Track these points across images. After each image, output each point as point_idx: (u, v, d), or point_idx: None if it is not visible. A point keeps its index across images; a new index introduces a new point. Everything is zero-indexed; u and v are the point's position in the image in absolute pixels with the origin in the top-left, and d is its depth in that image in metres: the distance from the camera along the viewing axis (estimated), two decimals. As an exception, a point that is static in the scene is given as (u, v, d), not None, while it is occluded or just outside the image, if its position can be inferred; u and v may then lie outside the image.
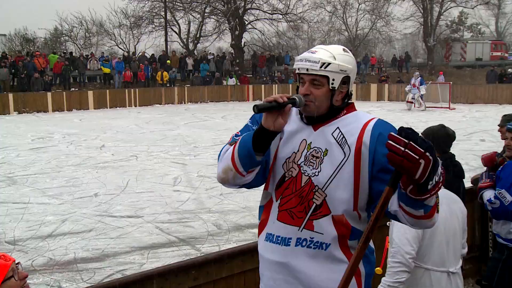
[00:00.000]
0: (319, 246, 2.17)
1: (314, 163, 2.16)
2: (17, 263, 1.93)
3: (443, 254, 2.94)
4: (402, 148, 1.73)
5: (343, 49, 2.22)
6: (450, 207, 3.02)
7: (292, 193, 2.19)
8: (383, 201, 1.86)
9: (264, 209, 2.30)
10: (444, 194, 3.06)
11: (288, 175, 2.21)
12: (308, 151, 2.19)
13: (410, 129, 1.76)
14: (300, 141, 2.21)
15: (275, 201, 2.24)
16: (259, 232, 2.33)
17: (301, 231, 2.17)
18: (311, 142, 2.19)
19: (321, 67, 2.12)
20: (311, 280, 2.18)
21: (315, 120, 2.20)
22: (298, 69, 2.17)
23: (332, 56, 2.14)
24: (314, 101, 2.15)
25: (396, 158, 1.74)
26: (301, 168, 2.18)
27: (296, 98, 2.12)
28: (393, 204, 1.98)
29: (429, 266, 2.94)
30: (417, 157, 1.73)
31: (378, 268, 3.04)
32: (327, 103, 2.17)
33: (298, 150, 2.20)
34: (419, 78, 24.52)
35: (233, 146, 2.19)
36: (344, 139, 2.14)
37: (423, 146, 1.74)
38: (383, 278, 2.92)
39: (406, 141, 1.73)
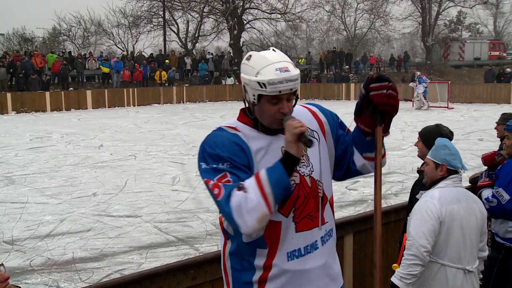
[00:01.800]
0: (331, 235, 2.29)
1: (304, 162, 2.18)
2: (0, 264, 1.89)
3: (459, 250, 2.94)
4: (385, 91, 2.06)
5: None
6: (470, 206, 3.02)
7: (306, 197, 2.17)
8: (380, 140, 2.17)
9: (266, 237, 2.12)
10: (465, 193, 3.08)
11: (292, 186, 2.12)
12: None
13: (379, 74, 2.06)
14: (280, 150, 2.11)
15: (286, 217, 2.14)
16: (269, 262, 2.13)
17: (320, 229, 2.23)
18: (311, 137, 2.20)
19: (298, 81, 2.12)
20: (337, 271, 2.32)
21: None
22: (280, 91, 2.04)
23: (294, 65, 2.14)
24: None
25: (384, 98, 2.07)
26: (300, 171, 2.17)
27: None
28: (357, 160, 2.26)
29: (445, 262, 2.93)
30: (397, 94, 2.08)
31: (395, 264, 3.06)
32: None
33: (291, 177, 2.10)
34: (419, 77, 24.60)
35: (259, 191, 1.92)
36: (309, 129, 2.18)
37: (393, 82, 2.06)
38: (397, 270, 2.93)
39: (387, 83, 2.06)
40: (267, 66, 2.06)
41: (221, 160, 2.05)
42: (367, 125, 2.17)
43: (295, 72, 2.08)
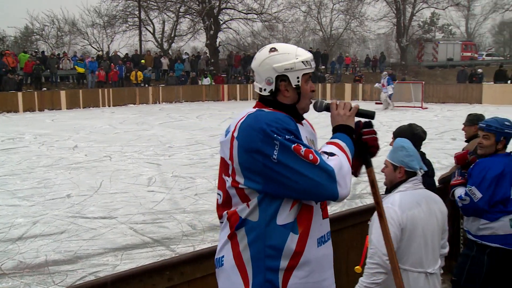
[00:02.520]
0: None
1: None
2: None
3: (421, 255, 2.94)
4: (375, 135, 2.36)
5: None
6: (430, 208, 3.02)
7: None
8: (374, 182, 2.38)
9: (299, 221, 2.17)
10: (425, 195, 3.07)
11: None
12: (314, 145, 2.36)
13: (368, 122, 2.38)
14: (305, 140, 2.25)
15: (315, 203, 2.24)
16: (300, 248, 2.17)
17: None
18: (307, 137, 2.30)
19: None
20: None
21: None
22: (312, 67, 2.29)
23: None
24: None
25: (376, 142, 2.36)
26: None
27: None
28: None
29: (407, 267, 2.93)
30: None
31: (357, 267, 3.05)
32: None
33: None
34: (387, 77, 24.64)
35: (345, 157, 2.14)
36: (308, 138, 2.34)
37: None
38: (360, 278, 2.91)
39: (374, 129, 2.36)
40: (298, 49, 2.26)
41: (292, 134, 2.09)
42: (352, 167, 2.25)
43: None
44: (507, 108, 22.26)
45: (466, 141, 4.94)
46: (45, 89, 27.80)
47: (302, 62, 2.22)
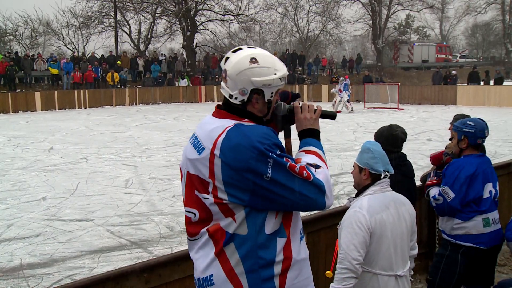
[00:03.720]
0: None
1: None
2: None
3: (390, 258, 2.96)
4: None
5: None
6: (398, 211, 3.04)
7: None
8: (290, 152, 2.35)
9: (284, 224, 2.19)
10: (393, 197, 3.08)
11: None
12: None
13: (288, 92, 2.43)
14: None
15: None
16: (288, 250, 2.19)
17: None
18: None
19: None
20: None
21: None
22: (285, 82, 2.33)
23: None
24: None
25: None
26: None
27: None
28: None
29: (377, 271, 2.95)
30: None
31: (328, 271, 3.06)
32: None
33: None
34: (344, 83, 24.02)
35: (325, 165, 2.21)
36: None
37: None
38: (331, 284, 2.91)
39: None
40: (276, 62, 2.23)
41: (280, 148, 2.11)
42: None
43: None
44: (480, 109, 22.70)
45: (450, 139, 5.02)
46: (19, 90, 27.36)
47: (280, 78, 2.19)
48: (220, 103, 2.31)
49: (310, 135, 2.28)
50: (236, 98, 2.20)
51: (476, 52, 67.09)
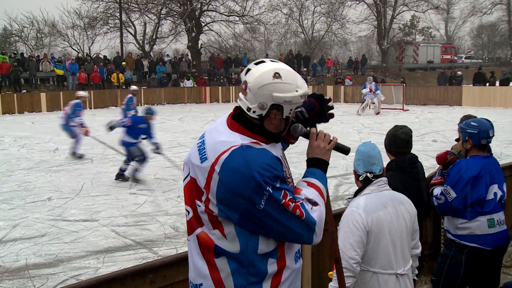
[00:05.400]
0: None
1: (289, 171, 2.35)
2: None
3: (390, 257, 2.95)
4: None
5: None
6: (397, 209, 3.03)
7: None
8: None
9: (279, 246, 2.20)
10: (391, 196, 3.07)
11: None
12: (286, 163, 2.34)
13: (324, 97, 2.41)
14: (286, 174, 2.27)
15: None
16: (280, 269, 2.21)
17: None
18: (285, 171, 2.26)
19: None
20: None
21: None
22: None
23: None
24: None
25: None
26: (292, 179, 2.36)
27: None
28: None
29: (376, 270, 2.95)
30: None
31: (330, 272, 3.06)
32: None
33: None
34: (373, 82, 24.03)
35: (323, 201, 2.18)
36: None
37: None
38: (330, 284, 2.92)
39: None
40: (298, 78, 2.17)
41: (280, 179, 2.09)
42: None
43: None
44: (486, 110, 22.60)
45: (456, 140, 5.02)
46: (24, 91, 27.44)
47: (300, 96, 2.15)
48: (237, 104, 2.26)
49: (319, 166, 2.25)
50: (254, 112, 2.15)
51: (481, 53, 66.82)
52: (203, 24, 39.78)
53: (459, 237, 3.90)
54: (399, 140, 3.93)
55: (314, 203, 2.11)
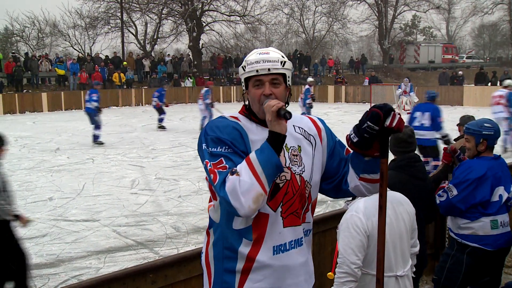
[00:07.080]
0: (308, 235, 2.39)
1: (297, 161, 2.26)
2: None
3: (390, 259, 2.93)
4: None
5: None
6: (396, 211, 3.02)
7: (294, 194, 2.24)
8: (383, 174, 2.19)
9: (254, 228, 2.18)
10: (389, 197, 3.06)
11: (281, 180, 2.20)
12: (288, 152, 2.25)
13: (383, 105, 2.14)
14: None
15: (274, 211, 2.20)
16: (253, 253, 2.19)
17: (302, 227, 2.32)
18: (286, 143, 2.21)
19: (281, 65, 2.22)
20: (312, 269, 2.43)
21: None
22: (257, 71, 2.19)
23: (283, 55, 2.28)
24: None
25: (402, 124, 2.15)
26: (292, 169, 2.24)
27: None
28: (351, 180, 2.28)
29: (376, 272, 2.95)
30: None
31: (330, 273, 3.06)
32: (285, 101, 2.26)
33: (280, 155, 2.11)
34: (410, 84, 23.72)
35: (250, 172, 2.00)
36: (306, 132, 2.34)
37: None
38: None
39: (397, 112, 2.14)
40: (252, 54, 2.26)
41: (221, 143, 2.13)
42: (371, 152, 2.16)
43: (274, 55, 2.23)
44: (487, 110, 22.53)
45: (454, 140, 5.03)
46: (26, 91, 27.47)
47: (242, 67, 2.25)
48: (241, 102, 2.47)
49: (268, 139, 2.08)
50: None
51: (483, 52, 66.76)
52: (204, 24, 39.81)
53: (461, 237, 3.89)
54: (399, 139, 3.92)
55: (234, 172, 2.02)
